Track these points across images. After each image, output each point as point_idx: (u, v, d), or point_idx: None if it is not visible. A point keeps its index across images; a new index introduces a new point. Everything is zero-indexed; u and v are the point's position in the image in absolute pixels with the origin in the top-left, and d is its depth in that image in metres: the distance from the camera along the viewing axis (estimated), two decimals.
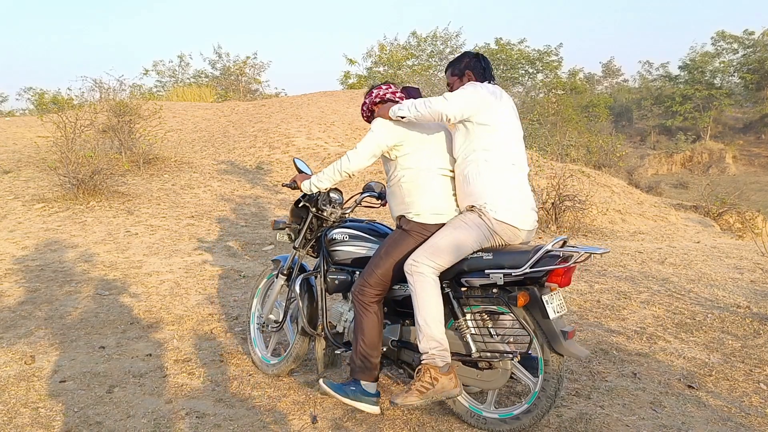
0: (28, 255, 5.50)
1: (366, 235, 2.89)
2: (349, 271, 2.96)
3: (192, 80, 27.67)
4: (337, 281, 2.94)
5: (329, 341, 2.96)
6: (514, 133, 2.62)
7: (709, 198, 11.92)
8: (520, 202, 2.52)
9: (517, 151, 2.61)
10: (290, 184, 3.11)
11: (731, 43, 40.16)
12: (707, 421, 2.70)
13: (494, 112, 2.54)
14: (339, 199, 3.19)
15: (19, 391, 2.97)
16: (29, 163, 9.61)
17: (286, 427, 2.68)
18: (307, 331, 3.03)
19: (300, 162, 3.28)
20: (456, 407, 2.69)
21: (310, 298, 3.07)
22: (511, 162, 2.55)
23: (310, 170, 3.21)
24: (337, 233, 2.97)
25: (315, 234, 3.15)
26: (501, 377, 2.48)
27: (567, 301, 4.45)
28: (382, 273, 2.63)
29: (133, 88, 14.45)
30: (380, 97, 2.80)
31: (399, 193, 2.69)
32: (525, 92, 30.43)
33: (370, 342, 2.65)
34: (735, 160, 36.38)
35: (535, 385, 2.45)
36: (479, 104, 2.52)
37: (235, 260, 5.50)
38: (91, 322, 3.93)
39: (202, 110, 14.98)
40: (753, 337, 3.77)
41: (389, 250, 2.64)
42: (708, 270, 5.51)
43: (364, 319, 2.65)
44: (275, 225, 3.23)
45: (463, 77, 2.73)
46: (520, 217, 2.49)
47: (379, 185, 3.32)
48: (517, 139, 2.64)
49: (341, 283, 2.94)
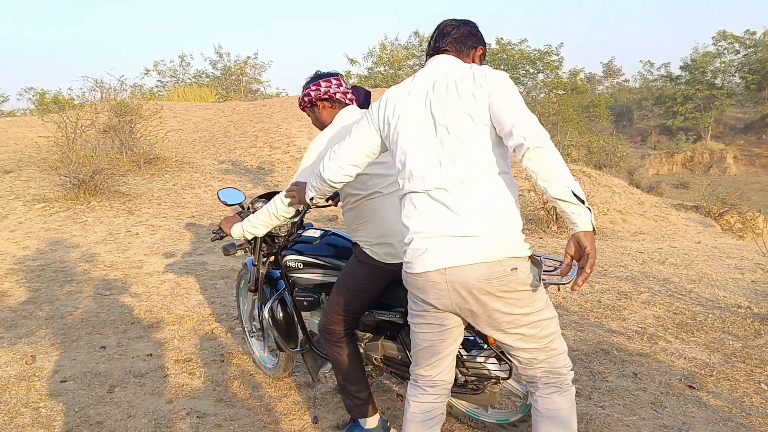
0: (29, 255, 5.51)
1: (320, 261, 2.63)
2: (317, 292, 2.75)
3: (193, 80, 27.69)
4: (306, 303, 2.74)
5: (315, 351, 2.85)
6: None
7: (710, 198, 11.91)
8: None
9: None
10: (217, 233, 2.71)
11: (732, 44, 40.16)
12: (708, 421, 2.70)
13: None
14: None
15: (19, 391, 2.98)
16: (30, 163, 9.61)
17: (286, 427, 2.68)
18: (288, 353, 2.92)
19: (227, 193, 2.90)
20: (454, 411, 2.68)
21: (283, 319, 2.89)
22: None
23: (243, 196, 2.91)
24: (291, 260, 2.71)
25: (271, 250, 2.91)
26: (491, 396, 2.41)
27: (567, 302, 4.45)
28: (344, 309, 2.38)
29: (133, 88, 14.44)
30: (328, 95, 2.37)
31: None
32: (526, 92, 30.42)
33: (352, 378, 2.44)
34: (736, 161, 36.38)
35: (526, 398, 2.42)
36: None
37: (236, 260, 5.50)
38: (92, 322, 3.93)
39: (203, 110, 14.98)
40: (754, 338, 3.77)
41: (345, 282, 2.36)
42: (709, 270, 5.51)
43: (339, 358, 2.44)
44: (225, 251, 2.86)
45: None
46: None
47: None
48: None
49: (310, 303, 2.74)
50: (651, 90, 45.69)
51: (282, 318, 2.90)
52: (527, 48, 31.78)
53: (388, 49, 26.28)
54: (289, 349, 2.90)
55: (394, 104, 1.88)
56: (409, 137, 1.82)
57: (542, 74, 32.10)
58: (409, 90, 1.87)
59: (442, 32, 1.97)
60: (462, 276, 1.69)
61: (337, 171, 1.98)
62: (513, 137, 1.62)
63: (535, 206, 8.08)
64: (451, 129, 1.75)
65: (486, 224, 1.69)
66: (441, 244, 1.72)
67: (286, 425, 2.70)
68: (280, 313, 2.90)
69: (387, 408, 2.82)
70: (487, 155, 1.73)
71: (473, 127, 1.73)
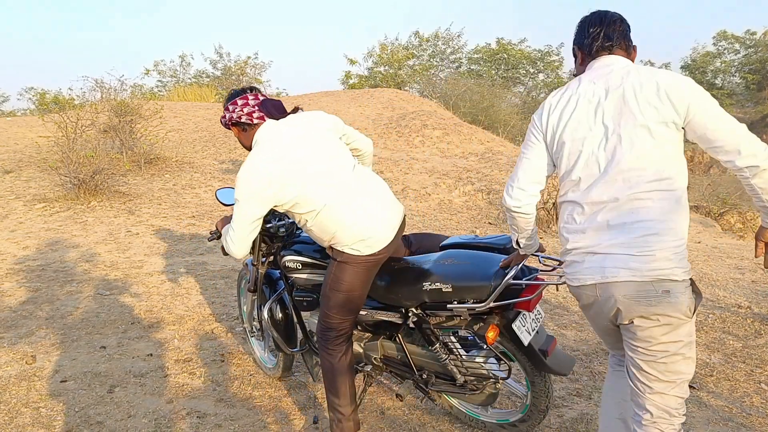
0: (29, 255, 5.51)
1: (319, 262, 2.64)
2: (316, 292, 2.73)
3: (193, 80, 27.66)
4: (305, 303, 2.75)
5: (314, 351, 2.85)
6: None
7: (711, 198, 11.90)
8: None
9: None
10: (214, 233, 2.73)
11: (732, 44, 40.17)
12: (708, 421, 2.70)
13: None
14: None
15: (20, 391, 2.98)
16: (30, 163, 9.61)
17: (287, 427, 2.68)
18: (287, 353, 2.92)
19: (224, 193, 2.86)
20: (454, 411, 2.68)
21: (282, 320, 2.90)
22: None
23: None
24: (290, 261, 2.71)
25: (270, 250, 2.89)
26: (491, 397, 2.42)
27: (568, 301, 4.44)
28: (340, 309, 2.33)
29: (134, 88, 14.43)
30: (233, 120, 2.28)
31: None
32: (526, 92, 30.42)
33: (339, 391, 2.37)
34: None
35: (526, 398, 2.42)
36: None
37: (236, 260, 5.49)
38: (92, 322, 3.93)
39: (203, 110, 14.97)
40: (754, 338, 3.77)
41: (334, 286, 2.32)
42: (709, 270, 5.51)
43: (331, 366, 2.37)
44: (224, 251, 2.78)
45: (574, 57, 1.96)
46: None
47: None
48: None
49: (310, 303, 2.74)
50: None
51: (281, 318, 2.90)
52: (527, 48, 31.80)
53: (388, 49, 26.28)
54: (288, 349, 2.89)
55: (560, 112, 1.80)
56: (576, 147, 1.76)
57: (543, 74, 32.10)
58: (577, 96, 1.78)
59: (609, 25, 1.80)
60: (613, 291, 1.68)
61: (521, 195, 1.87)
62: (742, 156, 1.61)
63: None
64: (624, 141, 1.66)
65: (646, 243, 1.63)
66: (597, 259, 1.71)
67: (286, 425, 2.70)
68: (279, 314, 2.90)
69: (387, 408, 2.82)
70: (662, 172, 1.65)
71: (650, 141, 1.64)
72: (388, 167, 9.92)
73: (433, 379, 2.48)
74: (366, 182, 2.31)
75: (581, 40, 1.85)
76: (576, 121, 1.76)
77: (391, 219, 2.31)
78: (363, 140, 2.57)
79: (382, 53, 26.03)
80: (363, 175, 2.32)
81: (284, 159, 2.14)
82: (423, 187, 9.17)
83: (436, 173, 9.72)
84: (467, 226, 7.52)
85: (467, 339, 2.41)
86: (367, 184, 2.31)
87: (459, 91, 17.78)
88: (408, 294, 2.32)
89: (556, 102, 1.83)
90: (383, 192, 2.35)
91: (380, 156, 10.51)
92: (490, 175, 9.71)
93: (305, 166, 2.16)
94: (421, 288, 2.26)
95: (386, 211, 2.30)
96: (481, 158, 10.94)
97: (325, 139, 2.27)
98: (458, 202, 8.77)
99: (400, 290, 2.35)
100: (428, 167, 9.98)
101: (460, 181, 9.42)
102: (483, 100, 17.58)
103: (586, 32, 1.83)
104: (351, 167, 2.29)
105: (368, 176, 2.35)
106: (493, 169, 10.07)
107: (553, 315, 4.14)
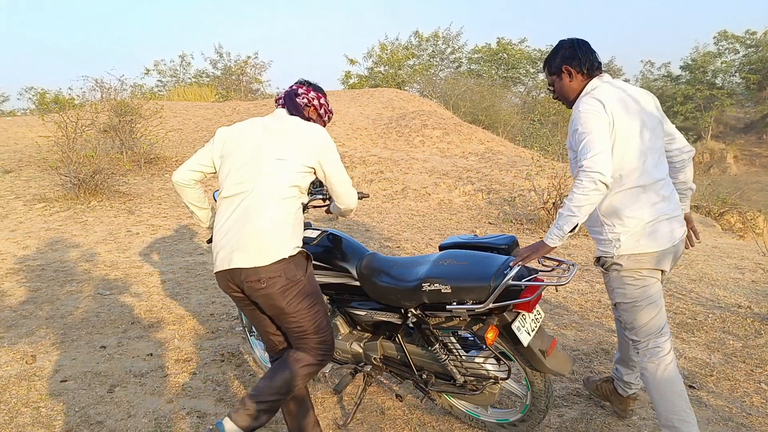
0: (29, 255, 5.51)
1: (317, 262, 2.61)
2: None
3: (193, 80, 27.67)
4: None
5: None
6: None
7: (711, 198, 11.89)
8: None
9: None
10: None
11: (733, 43, 40.15)
12: (708, 421, 2.70)
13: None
14: None
15: (20, 391, 2.98)
16: (30, 163, 9.62)
17: (287, 427, 2.68)
18: None
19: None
20: (454, 411, 2.68)
21: None
22: None
23: None
24: None
25: None
26: (491, 396, 2.42)
27: (568, 301, 4.44)
28: (327, 324, 2.28)
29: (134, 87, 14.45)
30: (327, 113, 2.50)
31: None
32: (526, 92, 30.41)
33: (289, 392, 2.23)
34: (736, 160, 36.34)
35: (526, 398, 2.43)
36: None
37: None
38: (92, 322, 3.93)
39: (203, 110, 14.97)
40: (754, 337, 3.77)
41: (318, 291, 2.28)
42: (709, 270, 5.50)
43: (300, 372, 2.22)
44: None
45: (561, 73, 2.36)
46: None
47: None
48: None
49: None
50: (651, 89, 45.61)
51: None
52: (527, 48, 31.80)
53: (388, 49, 26.28)
54: None
55: (612, 107, 2.18)
56: (632, 138, 2.20)
57: (543, 74, 32.09)
58: (623, 95, 2.25)
59: (592, 51, 2.34)
60: (680, 246, 2.34)
61: (609, 165, 2.09)
62: (686, 146, 2.43)
63: (535, 206, 8.07)
64: (655, 134, 2.28)
65: (678, 209, 2.33)
66: (668, 224, 2.25)
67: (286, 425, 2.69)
68: None
69: (387, 408, 2.82)
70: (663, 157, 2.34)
71: (661, 134, 2.33)
72: (388, 167, 9.91)
73: (432, 379, 2.48)
74: (256, 207, 2.12)
75: (576, 62, 2.31)
76: (628, 115, 2.21)
77: (231, 254, 2.11)
78: (342, 197, 2.37)
79: (382, 53, 26.03)
80: (260, 201, 2.13)
81: (243, 132, 2.27)
82: (423, 187, 9.17)
83: (436, 173, 9.72)
84: (467, 226, 7.52)
85: (467, 339, 2.41)
86: (245, 213, 2.13)
87: (459, 91, 17.78)
88: (407, 294, 2.32)
89: (608, 99, 2.20)
90: (250, 230, 2.11)
91: (380, 156, 10.51)
92: (490, 174, 9.71)
93: (244, 148, 2.23)
94: (420, 289, 2.26)
95: (233, 243, 2.12)
96: (481, 158, 10.93)
97: (284, 152, 2.19)
98: (458, 201, 8.77)
99: (399, 291, 2.35)
100: (428, 167, 9.98)
101: (460, 180, 9.42)
102: (483, 99, 17.59)
103: (578, 56, 2.31)
104: (267, 185, 2.14)
105: (263, 205, 2.13)
106: (493, 168, 10.06)
107: (553, 315, 4.14)
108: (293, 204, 2.21)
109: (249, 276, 2.09)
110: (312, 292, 2.22)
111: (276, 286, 2.10)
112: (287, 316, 2.17)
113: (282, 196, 2.16)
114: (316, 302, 2.22)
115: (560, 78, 2.35)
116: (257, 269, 2.08)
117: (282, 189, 2.16)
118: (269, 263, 2.08)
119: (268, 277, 2.09)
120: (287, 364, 2.21)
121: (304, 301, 2.16)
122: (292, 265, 2.14)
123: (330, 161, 2.26)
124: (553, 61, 2.36)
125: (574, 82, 2.32)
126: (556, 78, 2.37)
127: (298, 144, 2.21)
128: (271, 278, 2.09)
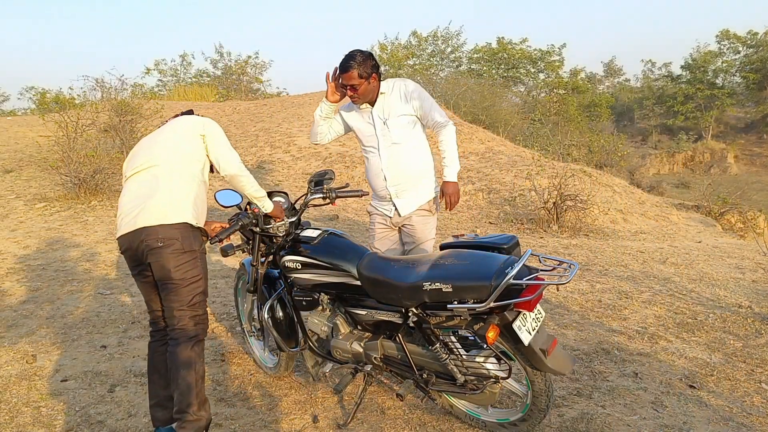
0: (29, 254, 5.51)
1: (319, 261, 2.64)
2: (316, 292, 2.75)
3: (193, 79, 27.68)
4: (305, 302, 2.76)
5: (314, 351, 2.84)
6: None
7: (711, 198, 11.88)
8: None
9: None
10: (215, 238, 2.59)
11: (734, 43, 40.15)
12: (709, 421, 2.70)
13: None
14: (286, 203, 2.88)
15: (20, 390, 2.98)
16: (31, 163, 9.62)
17: (287, 427, 2.68)
18: (288, 352, 2.92)
19: (224, 195, 2.85)
20: (454, 411, 2.68)
21: (282, 320, 2.88)
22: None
23: (240, 197, 2.82)
24: (289, 261, 2.72)
25: (269, 250, 2.86)
26: (491, 396, 2.41)
27: (568, 301, 4.44)
28: (202, 303, 2.49)
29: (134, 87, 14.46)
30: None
31: None
32: (527, 92, 30.41)
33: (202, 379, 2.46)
34: (737, 160, 36.35)
35: (526, 397, 2.42)
36: None
37: (237, 260, 5.50)
38: (93, 322, 3.93)
39: (203, 110, 14.97)
40: (754, 337, 3.77)
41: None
42: (709, 270, 5.50)
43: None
44: (224, 252, 2.72)
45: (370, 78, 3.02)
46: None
47: (329, 174, 2.98)
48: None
49: (309, 303, 2.76)
50: (652, 89, 45.62)
51: (281, 318, 2.89)
52: (528, 48, 31.79)
53: (387, 48, 26.28)
54: (288, 348, 2.89)
55: None
56: None
57: (543, 74, 32.08)
58: None
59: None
60: None
61: None
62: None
63: (535, 206, 8.07)
64: None
65: None
66: None
67: (287, 424, 2.70)
68: (279, 314, 2.89)
69: (388, 408, 2.82)
70: None
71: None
72: None
73: (433, 379, 2.48)
74: (156, 177, 2.43)
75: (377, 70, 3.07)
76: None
77: (136, 216, 2.36)
78: (224, 161, 2.65)
79: (382, 53, 26.02)
80: (163, 172, 2.44)
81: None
82: None
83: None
84: (467, 226, 7.52)
85: (467, 338, 2.41)
86: (153, 180, 2.42)
87: (459, 91, 17.77)
88: (408, 294, 2.32)
89: None
90: (157, 193, 2.39)
91: None
92: (491, 174, 9.70)
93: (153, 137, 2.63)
94: (421, 288, 2.26)
95: (137, 209, 2.37)
96: (482, 158, 10.93)
97: (176, 132, 2.59)
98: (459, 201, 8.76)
99: (400, 290, 2.35)
100: None
101: (460, 180, 9.40)
102: (483, 99, 17.58)
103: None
104: (162, 161, 2.47)
105: (165, 175, 2.44)
106: (493, 168, 10.06)
107: (553, 315, 4.14)
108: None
109: (149, 235, 2.32)
110: (200, 267, 2.43)
111: (171, 247, 2.32)
112: (170, 283, 2.36)
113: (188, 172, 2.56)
114: (200, 278, 2.42)
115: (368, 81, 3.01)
116: (158, 228, 2.33)
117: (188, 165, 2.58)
118: (170, 223, 2.35)
119: (166, 237, 2.32)
120: (176, 362, 2.38)
121: (190, 272, 2.38)
122: (190, 234, 2.40)
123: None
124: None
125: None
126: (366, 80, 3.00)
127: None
128: (169, 239, 2.32)
